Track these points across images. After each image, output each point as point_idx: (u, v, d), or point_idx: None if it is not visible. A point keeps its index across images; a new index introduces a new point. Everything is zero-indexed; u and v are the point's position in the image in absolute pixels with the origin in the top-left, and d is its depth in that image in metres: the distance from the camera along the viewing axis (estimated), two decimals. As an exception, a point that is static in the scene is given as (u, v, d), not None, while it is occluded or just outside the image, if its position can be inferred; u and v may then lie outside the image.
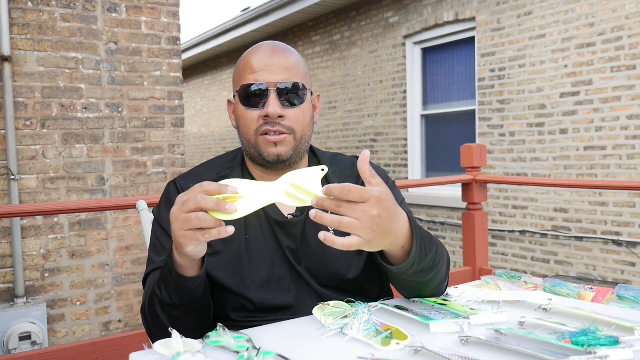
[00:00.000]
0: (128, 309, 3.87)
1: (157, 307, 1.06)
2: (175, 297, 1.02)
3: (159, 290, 1.04)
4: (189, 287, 1.00)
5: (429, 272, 1.06)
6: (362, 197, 0.85)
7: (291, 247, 1.17)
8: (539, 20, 4.94)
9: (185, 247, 0.91)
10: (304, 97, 1.17)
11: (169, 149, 4.03)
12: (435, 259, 1.06)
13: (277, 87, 1.13)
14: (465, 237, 3.15)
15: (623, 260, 4.47)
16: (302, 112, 1.16)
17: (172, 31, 4.04)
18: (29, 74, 3.53)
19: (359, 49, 6.96)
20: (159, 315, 1.06)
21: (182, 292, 1.01)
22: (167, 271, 1.01)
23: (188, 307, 1.04)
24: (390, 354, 0.87)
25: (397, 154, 6.50)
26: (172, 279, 1.00)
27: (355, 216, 0.86)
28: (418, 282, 1.07)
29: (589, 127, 4.63)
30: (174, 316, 1.05)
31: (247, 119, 1.15)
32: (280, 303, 1.15)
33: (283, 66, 1.15)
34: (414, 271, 1.02)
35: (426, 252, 1.00)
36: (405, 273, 1.01)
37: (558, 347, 0.85)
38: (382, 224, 0.87)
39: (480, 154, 3.11)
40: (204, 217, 0.87)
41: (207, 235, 0.88)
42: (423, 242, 1.00)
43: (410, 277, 1.04)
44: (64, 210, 2.27)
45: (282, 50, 1.18)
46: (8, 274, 3.47)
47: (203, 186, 0.89)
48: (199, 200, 0.86)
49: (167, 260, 1.02)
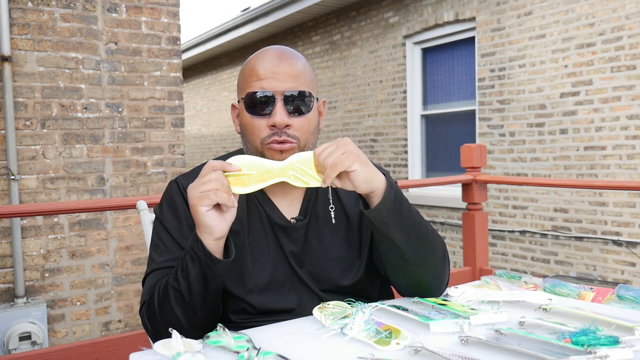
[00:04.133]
0: (128, 309, 3.87)
1: (171, 299, 1.04)
2: (198, 284, 1.02)
3: (176, 281, 1.03)
4: (216, 270, 1.01)
5: (414, 238, 1.09)
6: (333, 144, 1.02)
7: (294, 251, 1.17)
8: (539, 20, 4.94)
9: (199, 208, 0.97)
10: (311, 105, 1.15)
11: (169, 149, 4.03)
12: (420, 226, 1.12)
13: (284, 95, 1.12)
14: (465, 237, 3.15)
15: (623, 260, 4.47)
16: (308, 120, 1.15)
17: (172, 31, 4.04)
18: (29, 74, 3.53)
19: (359, 49, 6.96)
20: (172, 309, 1.04)
21: (207, 276, 1.01)
22: (188, 257, 1.02)
23: (209, 297, 1.04)
24: (390, 354, 0.87)
25: (397, 154, 6.50)
26: (198, 263, 1.01)
27: (339, 153, 1.00)
28: (410, 255, 1.09)
29: (589, 127, 4.63)
30: (191, 308, 1.03)
31: (254, 126, 1.14)
32: (281, 307, 1.15)
33: (290, 74, 1.13)
34: (395, 221, 1.06)
35: (401, 202, 1.08)
36: (385, 218, 1.05)
37: (558, 347, 0.85)
38: (357, 151, 1.02)
39: (480, 154, 3.11)
40: (221, 181, 0.99)
41: (220, 195, 0.97)
42: (399, 194, 1.09)
43: (395, 235, 1.07)
44: (64, 210, 2.27)
45: (289, 57, 1.15)
46: (8, 274, 3.47)
47: (211, 163, 1.01)
48: (219, 174, 1.00)
49: (189, 247, 1.02)
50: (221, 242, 1.01)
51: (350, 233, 1.21)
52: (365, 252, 1.21)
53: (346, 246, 1.20)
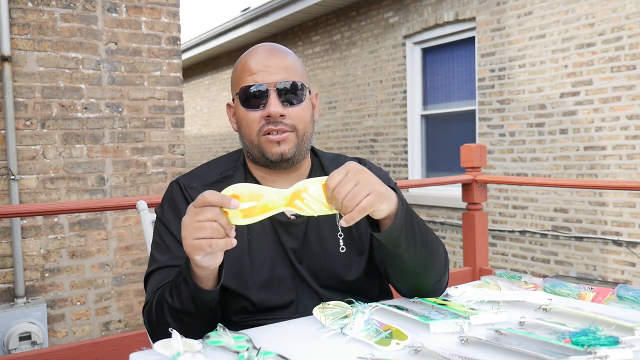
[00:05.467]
0: (128, 309, 3.87)
1: (166, 313, 1.04)
2: (189, 306, 1.01)
3: (170, 297, 1.03)
4: (205, 299, 1.00)
5: (422, 251, 1.07)
6: (351, 179, 0.93)
7: (294, 247, 1.17)
8: (539, 20, 4.94)
9: (194, 256, 0.92)
10: (303, 96, 1.17)
11: (169, 149, 4.03)
12: (428, 239, 1.09)
13: (277, 87, 1.13)
14: (465, 237, 3.15)
15: (623, 260, 4.47)
16: (303, 110, 1.17)
17: (172, 31, 4.04)
18: (29, 74, 3.53)
19: (359, 49, 6.96)
20: (167, 321, 1.05)
21: (197, 302, 1.01)
22: (181, 279, 1.00)
23: (202, 316, 1.04)
24: (390, 354, 0.87)
25: (397, 154, 6.50)
26: (188, 288, 0.99)
27: (352, 185, 0.93)
28: (416, 267, 1.08)
29: (589, 127, 4.63)
30: (184, 322, 1.04)
31: (249, 120, 1.15)
32: (281, 303, 1.15)
33: (281, 66, 1.15)
34: (406, 240, 1.03)
35: (411, 218, 1.04)
36: (397, 239, 1.02)
37: (558, 347, 0.85)
38: (379, 184, 0.96)
39: (480, 154, 3.11)
40: (217, 227, 0.90)
41: (215, 245, 0.90)
42: (409, 209, 1.04)
43: (405, 252, 1.05)
44: (64, 210, 2.27)
45: (279, 51, 1.18)
46: (8, 274, 3.47)
47: (207, 198, 0.91)
48: (216, 213, 0.91)
49: (182, 269, 1.01)
50: (215, 270, 0.99)
51: (350, 230, 1.21)
52: (366, 250, 1.21)
53: (346, 243, 1.20)
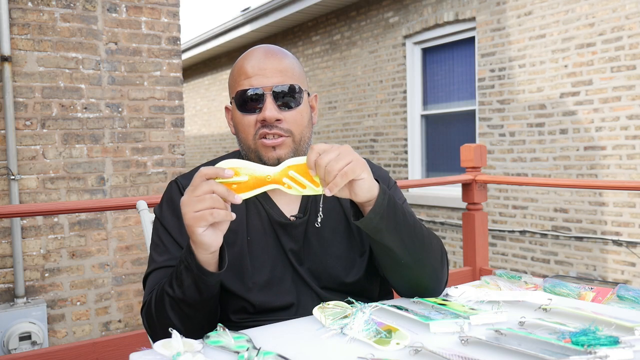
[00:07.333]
0: (128, 309, 3.87)
1: (167, 306, 1.04)
2: (192, 293, 1.01)
3: (171, 288, 1.02)
4: (209, 282, 1.00)
5: (410, 243, 1.07)
6: (334, 149, 0.97)
7: (293, 249, 1.17)
8: (539, 20, 4.94)
9: (196, 228, 0.93)
10: (301, 99, 1.16)
11: (169, 149, 4.03)
12: (416, 231, 1.09)
13: (273, 91, 1.12)
14: (465, 237, 3.15)
15: (623, 260, 4.47)
16: (300, 114, 1.15)
17: (172, 31, 4.04)
18: (29, 74, 3.53)
19: (359, 49, 6.96)
20: (168, 315, 1.04)
21: (200, 287, 1.00)
22: (182, 267, 1.00)
23: (204, 305, 1.03)
24: (390, 354, 0.87)
25: (397, 154, 6.50)
26: (191, 274, 0.99)
27: (335, 154, 0.96)
28: (408, 260, 1.09)
29: (589, 127, 4.63)
30: (186, 314, 1.03)
31: (245, 124, 1.15)
32: (281, 305, 1.14)
33: (277, 69, 1.14)
34: (388, 229, 1.04)
35: (394, 208, 1.05)
36: (377, 226, 1.03)
37: (558, 347, 0.85)
38: (353, 152, 1.00)
39: (480, 154, 3.11)
40: (216, 197, 0.93)
41: (216, 214, 0.92)
42: (392, 200, 1.05)
43: (390, 242, 1.06)
44: (64, 210, 2.27)
45: (276, 53, 1.17)
46: (8, 274, 3.47)
47: (202, 171, 0.95)
48: (213, 185, 0.94)
49: (183, 256, 1.01)
50: (216, 253, 1.00)
51: (350, 231, 1.21)
52: (367, 251, 1.21)
53: (347, 244, 1.20)
